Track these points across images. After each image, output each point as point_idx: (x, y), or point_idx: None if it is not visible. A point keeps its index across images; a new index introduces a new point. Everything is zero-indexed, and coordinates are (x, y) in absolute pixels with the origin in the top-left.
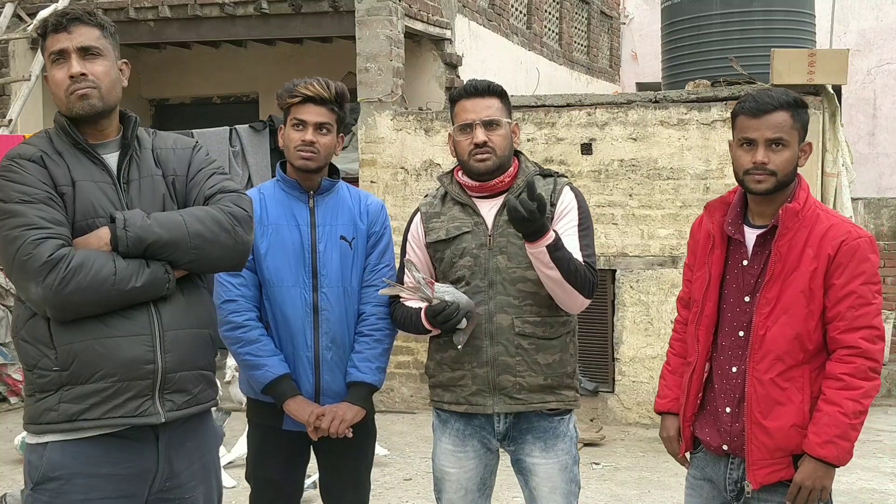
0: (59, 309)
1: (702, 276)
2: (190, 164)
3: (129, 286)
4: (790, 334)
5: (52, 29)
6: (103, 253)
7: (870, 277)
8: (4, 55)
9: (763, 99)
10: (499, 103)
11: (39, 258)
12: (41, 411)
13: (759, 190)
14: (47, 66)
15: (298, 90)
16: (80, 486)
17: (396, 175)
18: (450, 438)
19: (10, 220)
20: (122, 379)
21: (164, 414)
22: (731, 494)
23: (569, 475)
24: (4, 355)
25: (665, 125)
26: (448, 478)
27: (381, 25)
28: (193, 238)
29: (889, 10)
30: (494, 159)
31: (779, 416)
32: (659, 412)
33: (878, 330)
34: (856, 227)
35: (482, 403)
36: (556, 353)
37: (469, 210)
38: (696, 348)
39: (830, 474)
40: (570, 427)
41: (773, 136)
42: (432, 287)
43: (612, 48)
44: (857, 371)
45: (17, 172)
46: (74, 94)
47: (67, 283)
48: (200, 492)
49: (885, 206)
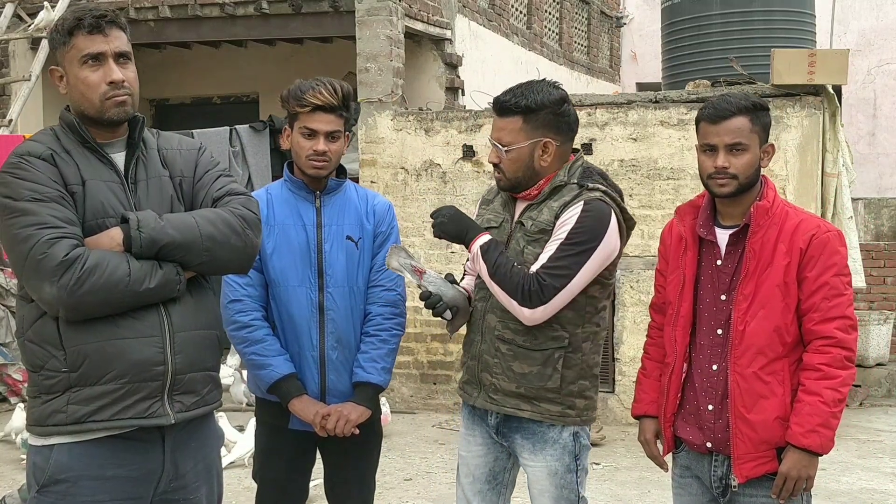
0: (72, 309)
1: (675, 278)
2: (196, 166)
3: (143, 287)
4: (769, 328)
5: (89, 30)
6: (117, 254)
7: (841, 269)
8: (4, 55)
9: (721, 105)
10: (520, 123)
11: (55, 258)
12: (48, 413)
13: (723, 193)
14: (72, 65)
15: (307, 99)
16: (87, 488)
17: (396, 175)
18: (464, 422)
19: (21, 219)
20: (133, 380)
21: (173, 415)
22: (717, 491)
23: (559, 482)
24: (4, 355)
25: (665, 125)
26: (461, 461)
27: (381, 25)
28: (205, 240)
29: (889, 10)
30: (505, 181)
31: (762, 410)
32: (636, 416)
33: (851, 320)
34: (824, 222)
35: (470, 393)
36: (535, 365)
37: (508, 207)
38: (673, 349)
39: (814, 463)
40: (564, 436)
41: (731, 142)
42: (421, 275)
43: (612, 48)
44: (833, 360)
45: (27, 170)
46: (112, 99)
47: (83, 283)
48: (203, 493)
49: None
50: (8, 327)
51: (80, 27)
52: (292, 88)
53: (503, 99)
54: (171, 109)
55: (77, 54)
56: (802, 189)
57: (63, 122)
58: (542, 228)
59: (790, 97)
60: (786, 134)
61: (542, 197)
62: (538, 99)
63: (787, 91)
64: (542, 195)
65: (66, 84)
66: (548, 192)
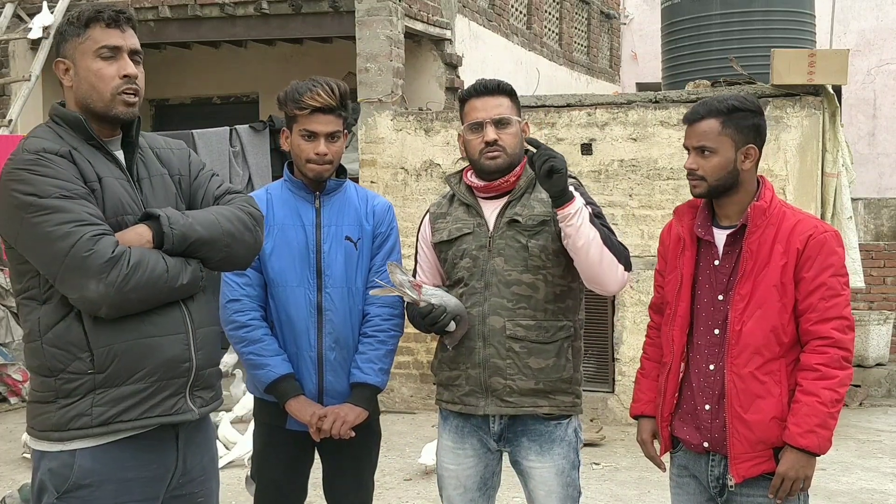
0: (117, 307)
1: (673, 278)
2: (190, 165)
3: (178, 283)
4: (766, 328)
5: (108, 23)
6: (152, 250)
7: (838, 270)
8: (4, 55)
9: (696, 108)
10: (508, 102)
11: (103, 255)
12: (70, 417)
13: (694, 193)
14: (86, 56)
15: (305, 101)
16: (110, 491)
17: (396, 175)
18: (450, 435)
19: (55, 216)
20: (162, 378)
21: (197, 410)
22: (714, 491)
23: (566, 480)
24: (4, 355)
25: (665, 125)
26: (448, 474)
27: (381, 25)
28: (226, 237)
29: (889, 10)
30: (505, 157)
31: (759, 410)
32: (634, 416)
33: (848, 320)
34: (822, 223)
35: (475, 404)
36: (550, 358)
37: (473, 211)
38: (670, 349)
39: (812, 464)
40: (569, 432)
41: (697, 144)
42: (419, 290)
43: (612, 48)
44: (831, 361)
45: (49, 167)
46: (122, 96)
47: (129, 280)
48: (213, 486)
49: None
50: (8, 327)
51: (99, 19)
52: (289, 91)
53: (487, 80)
54: (171, 109)
55: (93, 46)
56: (802, 189)
57: (62, 119)
58: (542, 220)
59: (790, 97)
60: (786, 134)
61: (520, 191)
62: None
63: (787, 91)
64: (520, 189)
65: (74, 76)
66: (524, 186)
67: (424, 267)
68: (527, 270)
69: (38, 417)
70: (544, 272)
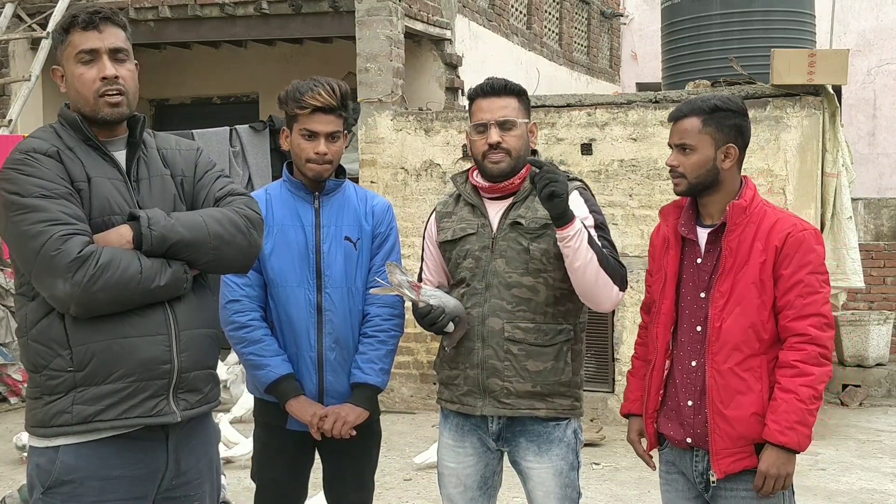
0: (84, 306)
1: (659, 276)
2: (196, 166)
3: (154, 285)
4: (745, 324)
5: (83, 26)
6: (128, 251)
7: (816, 267)
8: (4, 55)
9: (680, 107)
10: (516, 103)
11: (69, 254)
12: (52, 414)
13: (676, 191)
14: (69, 63)
15: (306, 101)
16: (93, 488)
17: (396, 175)
18: (450, 434)
19: (31, 215)
20: (140, 379)
21: (179, 413)
22: (700, 486)
23: (564, 481)
24: (4, 355)
25: (665, 125)
26: (448, 472)
27: (381, 25)
28: (213, 239)
29: (889, 10)
30: (509, 160)
31: (739, 406)
32: (624, 415)
33: (826, 318)
34: (801, 221)
35: (472, 404)
36: (548, 361)
37: (477, 212)
38: (655, 346)
39: (792, 461)
40: (568, 433)
41: (678, 142)
42: (418, 290)
43: (612, 48)
44: (808, 357)
45: (33, 167)
46: (105, 98)
47: (96, 280)
48: (206, 490)
49: (885, 206)
50: (8, 327)
51: (75, 24)
52: (290, 90)
53: (495, 80)
54: (171, 109)
55: (73, 51)
56: (802, 189)
57: (64, 120)
58: (545, 223)
59: (790, 97)
60: (786, 134)
61: (525, 193)
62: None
63: (787, 91)
64: (524, 191)
65: (66, 83)
66: (529, 188)
67: (431, 266)
68: (527, 273)
69: (29, 413)
70: (545, 275)
